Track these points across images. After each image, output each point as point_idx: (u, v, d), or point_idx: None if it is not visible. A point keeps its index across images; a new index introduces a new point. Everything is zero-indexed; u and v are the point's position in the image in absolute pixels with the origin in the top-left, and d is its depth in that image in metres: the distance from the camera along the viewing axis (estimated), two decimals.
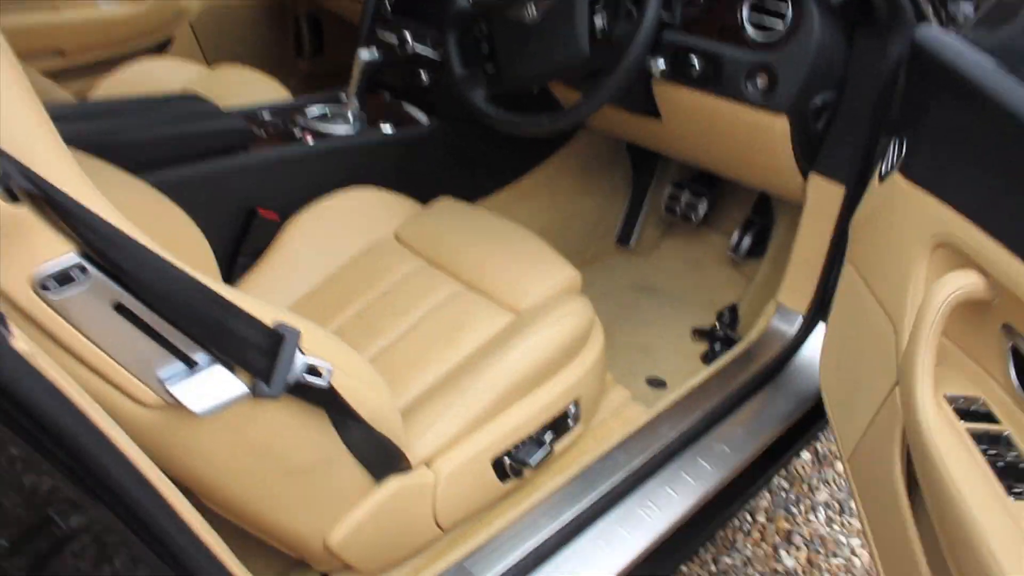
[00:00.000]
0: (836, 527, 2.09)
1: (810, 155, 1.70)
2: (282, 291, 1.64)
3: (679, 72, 1.68)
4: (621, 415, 1.69)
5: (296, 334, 0.97)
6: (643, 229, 2.49)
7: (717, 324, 2.11)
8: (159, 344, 0.87)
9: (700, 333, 2.12)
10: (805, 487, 2.19)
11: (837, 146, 1.67)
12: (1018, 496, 0.96)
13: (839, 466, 2.25)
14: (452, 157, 2.11)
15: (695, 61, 1.65)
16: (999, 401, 1.07)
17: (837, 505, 2.15)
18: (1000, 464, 0.99)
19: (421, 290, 1.59)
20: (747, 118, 1.66)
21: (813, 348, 1.85)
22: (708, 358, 2.02)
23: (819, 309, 1.83)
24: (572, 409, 1.50)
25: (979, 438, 1.02)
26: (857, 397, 1.33)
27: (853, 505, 2.14)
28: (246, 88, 2.18)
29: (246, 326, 0.93)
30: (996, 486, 0.96)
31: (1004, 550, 0.87)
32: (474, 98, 1.72)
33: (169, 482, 0.84)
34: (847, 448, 1.35)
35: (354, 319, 1.57)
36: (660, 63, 1.66)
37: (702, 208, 2.37)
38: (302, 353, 0.98)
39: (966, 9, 1.64)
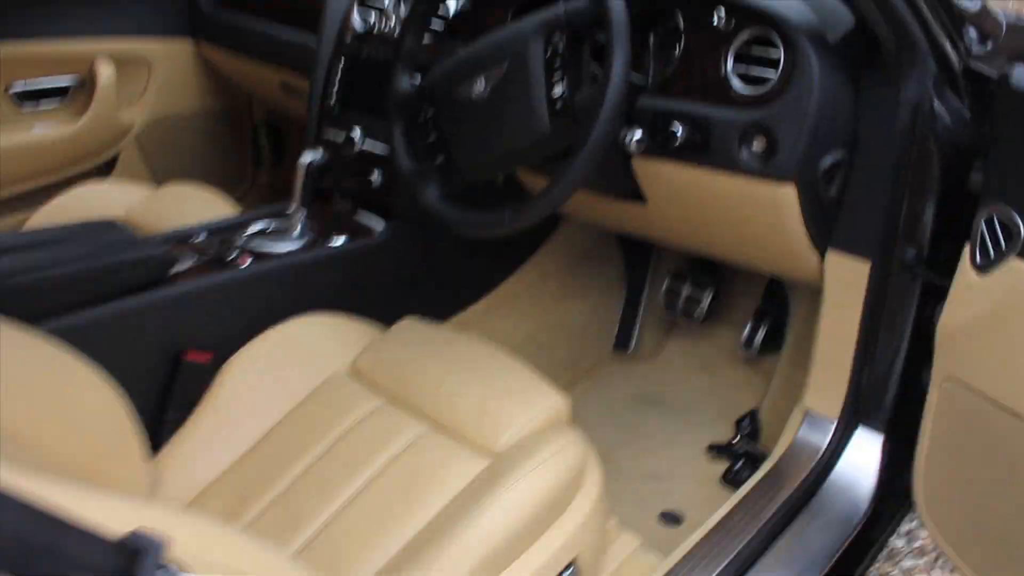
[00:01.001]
0: None
1: (825, 229, 1.47)
2: (220, 450, 1.38)
3: (660, 144, 1.45)
4: (632, 571, 1.40)
5: (157, 547, 0.69)
6: (642, 331, 2.25)
7: (736, 437, 1.86)
8: None
9: (717, 450, 1.86)
10: None
11: (856, 215, 1.44)
12: None
13: None
14: (415, 268, 1.87)
15: (677, 128, 1.42)
16: None
17: None
18: None
19: (381, 435, 1.33)
20: (746, 191, 1.42)
21: (850, 462, 1.58)
22: (730, 480, 1.76)
23: (854, 413, 1.57)
24: (569, 573, 1.23)
25: None
26: None
27: None
28: (188, 208, 1.96)
29: (80, 544, 0.66)
30: None
31: None
32: (426, 196, 1.48)
33: None
34: None
35: (304, 478, 1.30)
36: (636, 134, 1.43)
37: (706, 301, 2.12)
38: (175, 571, 0.71)
39: (971, 35, 1.43)
